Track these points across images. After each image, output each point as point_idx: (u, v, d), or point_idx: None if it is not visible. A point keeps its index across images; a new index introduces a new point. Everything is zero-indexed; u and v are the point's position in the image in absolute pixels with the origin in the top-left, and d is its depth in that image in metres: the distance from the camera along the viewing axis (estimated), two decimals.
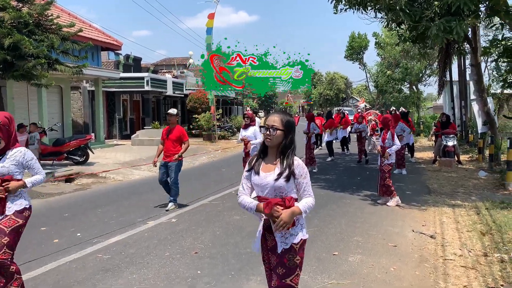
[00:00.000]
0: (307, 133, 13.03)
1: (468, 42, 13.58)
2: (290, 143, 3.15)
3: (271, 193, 3.09)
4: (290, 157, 3.11)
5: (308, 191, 3.12)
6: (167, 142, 8.11)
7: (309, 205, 3.09)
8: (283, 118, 3.15)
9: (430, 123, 30.19)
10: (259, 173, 3.15)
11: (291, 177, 3.07)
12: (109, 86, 24.82)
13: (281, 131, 3.10)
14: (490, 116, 13.71)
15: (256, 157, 3.26)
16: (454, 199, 9.03)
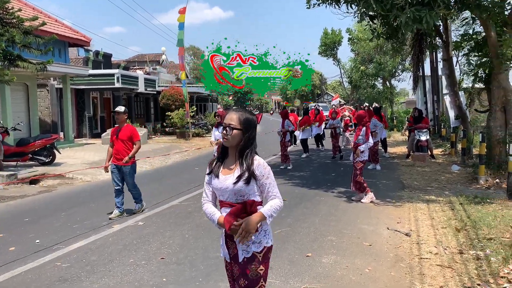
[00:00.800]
0: (281, 132, 12.82)
1: (440, 37, 13.61)
2: (249, 143, 2.89)
3: (231, 197, 2.85)
4: (249, 157, 2.85)
5: (273, 193, 2.86)
6: (117, 143, 7.35)
7: (274, 208, 2.83)
8: (241, 116, 2.89)
9: (403, 118, 30.47)
10: (219, 176, 2.90)
11: (251, 179, 2.82)
12: (78, 83, 24.06)
13: (239, 130, 2.85)
14: (462, 110, 13.79)
15: (216, 159, 3.01)
16: (428, 194, 8.97)
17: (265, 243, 2.87)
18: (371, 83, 37.30)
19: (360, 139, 8.34)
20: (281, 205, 2.87)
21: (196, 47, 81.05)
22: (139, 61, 50.72)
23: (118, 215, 7.40)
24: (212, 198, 2.99)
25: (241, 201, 2.83)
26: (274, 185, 2.88)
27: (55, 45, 20.45)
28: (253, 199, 2.84)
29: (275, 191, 2.88)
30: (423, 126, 14.10)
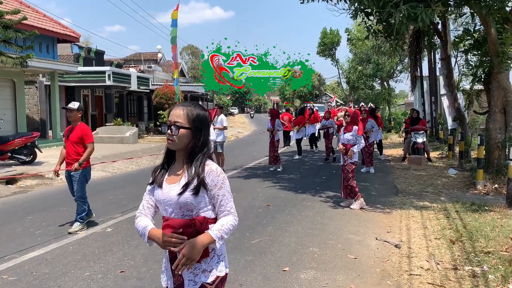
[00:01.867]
0: (271, 131, 12.29)
1: (438, 35, 13.07)
2: (201, 145, 2.34)
3: (176, 212, 2.28)
4: (199, 162, 2.30)
5: (226, 207, 2.31)
6: (68, 144, 6.42)
7: (226, 228, 2.26)
8: (190, 112, 2.32)
9: (401, 119, 29.97)
10: (162, 185, 2.35)
11: (200, 189, 2.27)
12: (69, 80, 23.55)
13: (187, 129, 2.29)
14: (460, 111, 13.26)
15: (159, 165, 2.45)
16: (423, 200, 8.43)
17: (218, 272, 2.32)
18: (369, 84, 36.81)
19: (351, 138, 7.77)
20: (235, 223, 2.32)
21: (194, 46, 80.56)
22: (137, 60, 50.29)
23: (79, 228, 6.41)
24: (150, 212, 2.42)
25: (189, 218, 2.28)
26: (228, 198, 2.32)
27: (43, 41, 19.95)
28: (204, 216, 2.29)
29: (229, 206, 2.32)
30: (420, 128, 13.57)
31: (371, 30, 10.84)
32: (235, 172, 12.31)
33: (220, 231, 2.24)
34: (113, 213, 7.46)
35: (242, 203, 8.15)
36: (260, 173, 11.95)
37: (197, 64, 74.75)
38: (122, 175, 12.72)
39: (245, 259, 5.12)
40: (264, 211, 7.43)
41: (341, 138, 8.02)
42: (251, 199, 8.47)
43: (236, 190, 9.44)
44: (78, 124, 6.46)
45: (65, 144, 6.53)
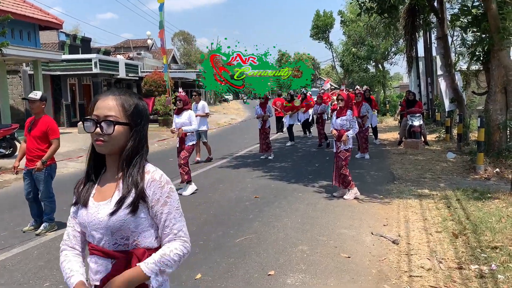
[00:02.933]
0: (261, 117, 11.70)
1: (434, 13, 12.46)
2: (140, 145, 1.78)
3: (107, 241, 1.72)
4: (137, 168, 1.74)
5: (172, 229, 1.74)
6: (29, 139, 5.69)
7: (169, 258, 1.70)
8: (127, 103, 1.76)
9: (396, 102, 29.44)
10: (88, 203, 1.77)
11: (140, 205, 1.71)
12: (54, 69, 22.79)
13: (125, 125, 1.73)
14: (458, 92, 12.71)
15: (84, 177, 1.87)
16: (421, 187, 7.93)
17: None
18: (364, 67, 36.15)
19: (345, 123, 7.23)
20: (183, 252, 1.75)
21: (186, 32, 79.16)
22: (127, 47, 49.39)
23: (48, 229, 5.84)
24: (78, 243, 1.84)
25: (123, 250, 1.72)
26: (176, 217, 1.75)
27: (23, 28, 19.15)
28: (144, 248, 1.73)
29: (177, 227, 1.75)
30: (416, 111, 13.03)
31: (364, 7, 10.22)
32: (225, 161, 11.78)
33: (158, 264, 1.67)
34: None
35: (229, 195, 7.63)
36: (250, 162, 11.41)
37: (189, 51, 73.65)
38: None
39: (226, 261, 4.60)
40: (252, 204, 6.91)
41: (333, 123, 7.47)
42: (239, 191, 7.94)
43: (224, 181, 8.92)
44: (42, 117, 5.74)
45: (26, 138, 5.86)
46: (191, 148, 7.87)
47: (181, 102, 7.93)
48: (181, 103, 7.92)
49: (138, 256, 1.70)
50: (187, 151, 7.81)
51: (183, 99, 7.95)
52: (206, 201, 7.19)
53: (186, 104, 7.98)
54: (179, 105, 7.95)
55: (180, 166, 7.76)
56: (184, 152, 7.79)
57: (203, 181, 8.95)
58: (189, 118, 7.81)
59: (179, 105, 7.95)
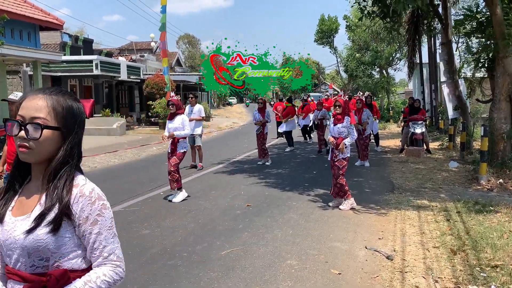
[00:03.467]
0: (260, 123, 11.45)
1: (438, 18, 12.18)
2: (71, 153, 1.53)
3: (24, 262, 1.47)
4: (65, 180, 1.49)
5: (103, 252, 1.50)
6: (10, 142, 5.23)
7: (96, 287, 1.46)
8: (58, 104, 1.51)
9: (400, 108, 29.15)
10: (4, 219, 1.51)
11: (62, 223, 1.46)
12: (55, 70, 22.71)
13: (55, 130, 1.49)
14: (461, 100, 12.40)
15: (3, 187, 1.61)
16: (421, 197, 7.64)
17: None
18: (368, 72, 35.88)
19: (343, 130, 6.96)
20: (114, 278, 1.50)
21: (191, 35, 79.28)
22: (131, 49, 49.52)
23: None
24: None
25: (41, 272, 1.47)
26: (108, 239, 1.51)
27: (23, 28, 19.02)
28: (66, 268, 1.48)
29: (108, 250, 1.51)
30: (418, 118, 12.74)
31: (365, 11, 9.97)
32: (221, 166, 11.52)
33: None
34: None
35: (220, 203, 7.36)
36: (246, 168, 11.15)
37: (194, 54, 73.68)
38: (102, 170, 11.92)
39: (208, 276, 4.34)
40: (243, 213, 6.64)
41: (330, 130, 7.20)
42: (230, 198, 7.67)
43: (217, 188, 8.65)
44: None
45: (7, 142, 5.62)
46: (182, 155, 7.60)
47: (173, 106, 7.69)
48: (174, 108, 7.68)
49: (57, 277, 1.44)
50: (178, 158, 7.54)
51: (175, 104, 7.70)
52: (196, 208, 6.92)
53: (179, 109, 7.73)
54: (171, 110, 7.71)
55: (170, 173, 7.49)
56: (174, 159, 7.52)
57: (195, 187, 8.69)
58: (182, 123, 7.57)
59: (171, 109, 7.71)
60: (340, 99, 7.22)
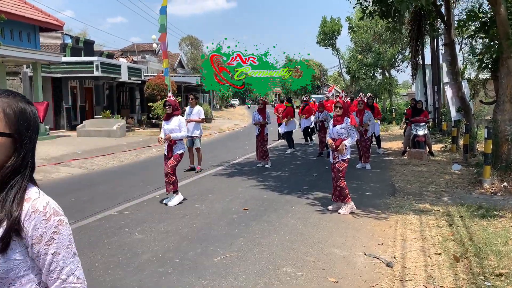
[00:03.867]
0: (259, 124, 11.30)
1: (441, 18, 11.99)
2: (24, 162, 1.35)
3: None
4: (15, 192, 1.31)
5: (61, 275, 1.33)
6: None
7: None
8: (10, 107, 1.34)
9: (403, 110, 28.93)
10: None
11: (11, 242, 1.28)
12: (55, 71, 22.59)
13: (6, 136, 1.31)
14: (465, 101, 12.20)
15: None
16: (423, 201, 7.44)
17: None
18: (371, 74, 35.68)
19: (343, 131, 6.79)
20: None
21: (194, 37, 79.24)
22: (133, 51, 49.60)
23: None
24: None
25: None
26: (66, 258, 1.34)
27: (23, 29, 18.96)
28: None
29: (67, 271, 1.34)
30: (421, 120, 12.54)
31: (367, 10, 9.79)
32: (220, 168, 11.34)
33: None
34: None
35: (217, 206, 7.18)
36: (246, 170, 10.97)
37: (196, 55, 73.68)
38: (100, 172, 11.77)
39: (200, 283, 4.16)
40: (239, 217, 6.47)
41: (330, 131, 7.02)
42: (228, 202, 7.49)
43: (214, 191, 8.48)
44: None
45: None
46: (179, 157, 7.44)
47: (170, 107, 7.53)
48: (171, 108, 7.53)
49: None
50: (175, 159, 7.39)
51: (172, 104, 7.55)
52: (191, 212, 6.75)
53: (175, 110, 7.58)
54: (168, 111, 7.56)
55: (167, 175, 7.33)
56: (172, 160, 7.37)
57: (192, 190, 8.53)
58: (179, 125, 7.41)
59: (168, 110, 7.55)
60: (341, 100, 7.04)
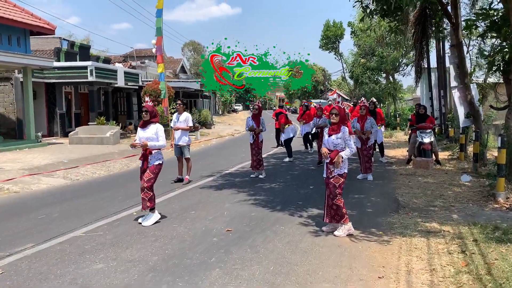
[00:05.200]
0: (253, 130, 10.55)
1: (448, 18, 11.18)
2: None
3: None
4: None
5: None
6: None
7: None
8: None
9: (407, 115, 28.11)
10: None
11: None
12: (49, 77, 21.96)
13: None
14: (474, 106, 11.35)
15: None
16: (430, 219, 6.62)
17: None
18: (374, 78, 34.88)
19: (339, 142, 6.00)
20: None
21: (196, 42, 78.77)
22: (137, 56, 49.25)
23: None
24: None
25: None
26: None
27: (12, 33, 18.32)
28: None
29: None
30: (427, 126, 11.71)
31: (368, 10, 9.01)
32: (210, 179, 10.55)
33: None
34: (26, 242, 5.71)
35: (197, 227, 6.38)
36: (237, 182, 10.18)
37: (199, 61, 73.21)
38: (83, 183, 11.03)
39: None
40: (220, 241, 5.66)
41: (324, 141, 6.22)
42: (210, 221, 6.69)
43: (198, 207, 7.67)
44: None
45: None
46: (156, 169, 6.67)
47: (147, 113, 6.77)
48: (148, 115, 6.76)
49: None
50: (152, 172, 6.62)
51: (150, 110, 6.79)
52: (166, 234, 5.96)
53: (153, 116, 6.82)
54: (145, 117, 6.79)
55: (143, 190, 6.56)
56: (148, 173, 6.59)
57: (175, 205, 7.74)
58: (156, 133, 6.65)
59: (145, 117, 6.79)
60: (337, 106, 6.24)
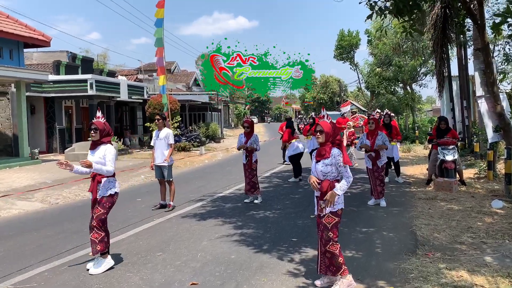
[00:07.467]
0: (244, 148, 9.28)
1: (472, 18, 9.71)
2: None
3: None
4: None
5: None
6: None
7: None
8: None
9: (427, 128, 26.40)
10: None
11: None
12: (48, 91, 21.11)
13: None
14: (504, 119, 9.78)
15: None
16: (456, 264, 5.15)
17: None
18: (391, 89, 33.27)
19: (330, 170, 4.56)
20: None
21: None
22: (149, 70, 48.95)
23: None
24: None
25: None
26: None
27: (4, 45, 17.47)
28: None
29: None
30: (450, 142, 10.17)
31: (376, 7, 7.65)
32: (198, 205, 9.21)
33: None
34: None
35: (154, 278, 4.99)
36: (227, 209, 8.81)
37: None
38: (61, 208, 9.87)
39: None
40: None
41: (313, 169, 4.78)
42: (176, 267, 5.31)
43: (169, 245, 6.29)
44: None
45: None
46: (108, 202, 5.32)
47: (97, 131, 5.48)
48: (97, 134, 5.47)
49: None
50: (104, 206, 5.28)
51: (100, 128, 5.49)
52: None
53: (104, 136, 5.51)
54: (93, 136, 5.50)
55: (92, 229, 5.23)
56: (97, 208, 5.27)
57: (142, 243, 6.40)
58: (104, 156, 5.34)
59: (93, 136, 5.49)
60: (323, 120, 4.82)
